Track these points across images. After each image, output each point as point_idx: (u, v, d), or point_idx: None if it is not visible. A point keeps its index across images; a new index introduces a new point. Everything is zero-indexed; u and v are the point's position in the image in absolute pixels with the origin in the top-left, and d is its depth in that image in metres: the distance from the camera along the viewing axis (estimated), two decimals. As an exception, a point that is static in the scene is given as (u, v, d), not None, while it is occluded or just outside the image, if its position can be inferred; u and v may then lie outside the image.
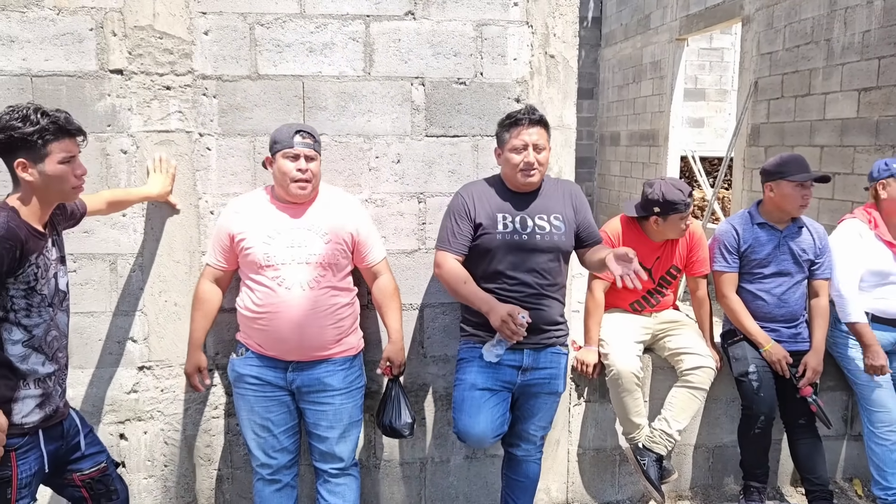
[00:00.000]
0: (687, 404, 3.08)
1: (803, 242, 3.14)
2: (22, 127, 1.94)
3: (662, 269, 3.23)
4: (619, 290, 3.21)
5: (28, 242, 1.99)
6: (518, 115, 2.59)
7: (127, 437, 2.92)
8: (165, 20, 2.71)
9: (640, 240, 3.16)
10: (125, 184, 2.78)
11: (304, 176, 2.49)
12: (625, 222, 3.22)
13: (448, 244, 2.63)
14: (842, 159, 6.14)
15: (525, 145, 2.57)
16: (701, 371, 3.07)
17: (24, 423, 2.04)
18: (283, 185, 2.52)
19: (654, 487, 3.05)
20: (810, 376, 3.08)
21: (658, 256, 3.19)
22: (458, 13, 2.85)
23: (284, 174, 2.49)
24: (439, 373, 3.05)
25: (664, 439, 3.08)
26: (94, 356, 2.86)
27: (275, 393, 2.60)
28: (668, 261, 3.22)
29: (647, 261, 3.17)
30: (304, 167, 2.49)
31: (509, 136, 2.59)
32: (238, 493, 3.03)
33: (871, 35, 5.76)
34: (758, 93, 7.41)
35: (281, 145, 2.49)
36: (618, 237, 3.16)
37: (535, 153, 2.57)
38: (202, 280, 2.69)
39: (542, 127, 2.60)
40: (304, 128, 2.52)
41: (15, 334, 2.02)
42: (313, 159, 2.52)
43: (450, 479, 3.16)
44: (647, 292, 3.24)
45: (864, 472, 3.51)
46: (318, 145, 2.56)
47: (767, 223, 3.14)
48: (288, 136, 2.49)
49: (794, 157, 3.12)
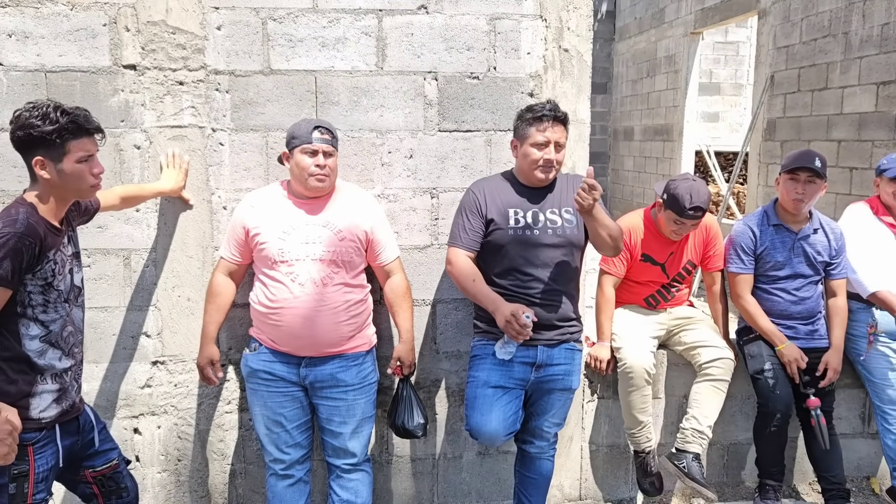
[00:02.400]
0: (712, 398, 3.05)
1: (818, 244, 3.09)
2: (41, 125, 1.95)
3: (677, 265, 3.19)
4: (633, 285, 3.21)
5: (46, 239, 2.00)
6: (542, 111, 2.55)
7: (141, 432, 2.94)
8: (178, 15, 2.71)
9: (654, 234, 3.15)
10: (138, 179, 2.78)
11: (323, 172, 2.50)
12: (646, 216, 3.20)
13: (459, 240, 2.62)
14: (859, 154, 6.06)
15: (547, 142, 2.55)
16: (720, 363, 3.04)
17: (41, 417, 2.06)
18: (301, 179, 2.51)
19: (702, 485, 2.96)
20: (831, 376, 3.05)
21: (672, 252, 3.16)
22: (471, 7, 2.83)
23: (303, 169, 2.49)
24: (452, 369, 3.04)
25: (697, 437, 3.04)
26: (108, 351, 2.87)
27: (288, 388, 2.60)
28: (681, 256, 3.18)
29: (661, 256, 3.14)
30: (322, 163, 2.49)
31: (531, 131, 2.56)
32: (251, 487, 3.04)
33: (890, 28, 5.68)
34: (774, 87, 7.33)
35: (299, 140, 2.49)
36: (635, 228, 3.14)
37: (556, 151, 2.56)
38: (216, 273, 2.69)
39: (563, 125, 2.58)
40: (322, 123, 2.53)
41: (32, 330, 2.03)
42: (331, 155, 2.52)
43: (462, 476, 3.15)
44: (661, 286, 3.21)
45: (881, 471, 3.48)
46: (336, 141, 2.56)
47: (783, 225, 3.10)
48: (307, 131, 2.49)
49: (799, 151, 3.09)
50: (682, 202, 2.93)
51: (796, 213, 3.06)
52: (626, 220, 3.19)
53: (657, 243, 3.14)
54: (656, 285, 3.21)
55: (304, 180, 2.51)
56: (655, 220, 3.16)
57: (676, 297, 3.28)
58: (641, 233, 3.15)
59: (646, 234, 3.15)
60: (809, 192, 3.00)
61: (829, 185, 3.09)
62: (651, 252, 3.15)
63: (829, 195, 6.20)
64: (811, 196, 3.02)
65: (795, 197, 3.01)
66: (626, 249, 3.08)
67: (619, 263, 3.14)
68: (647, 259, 3.16)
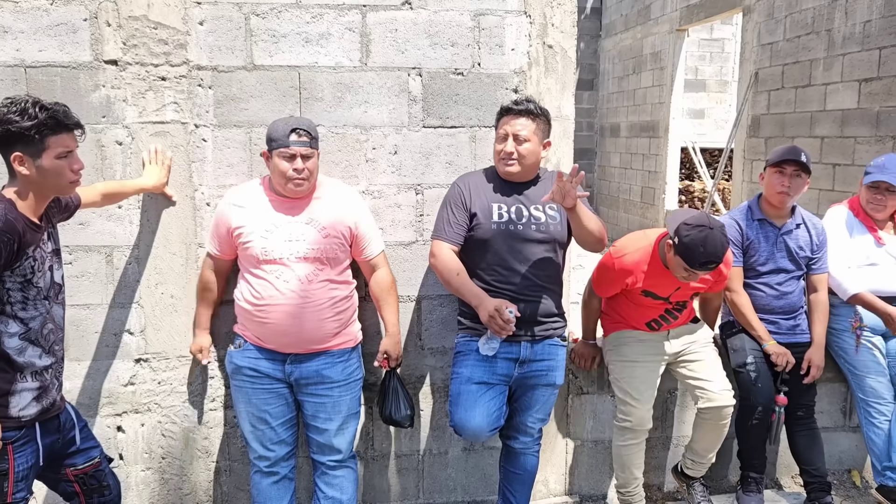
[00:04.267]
0: (714, 435, 3.00)
1: (800, 240, 3.12)
2: (20, 121, 1.93)
3: (683, 295, 2.94)
4: (634, 307, 2.96)
5: (25, 235, 1.98)
6: (510, 104, 2.60)
7: (124, 430, 2.92)
8: (160, 10, 2.69)
9: (660, 271, 2.82)
10: (120, 175, 2.76)
11: (300, 176, 2.48)
12: (654, 254, 2.83)
13: (444, 233, 2.63)
14: (842, 150, 6.11)
15: (506, 135, 2.58)
16: (723, 411, 2.93)
17: (21, 415, 2.04)
18: (280, 183, 2.51)
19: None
20: (814, 373, 3.07)
21: (678, 287, 2.86)
22: (455, 3, 2.83)
23: (281, 174, 2.48)
24: (437, 365, 3.04)
25: (700, 467, 3.11)
26: (91, 348, 2.85)
27: (273, 385, 2.59)
28: (688, 289, 2.91)
29: (664, 291, 2.87)
30: (300, 167, 2.46)
31: (498, 125, 2.62)
32: (236, 485, 3.03)
33: (873, 25, 5.73)
34: (758, 84, 7.38)
35: (277, 144, 2.46)
36: (637, 266, 2.82)
37: (516, 143, 2.56)
38: (204, 268, 2.72)
39: (530, 118, 2.58)
40: (300, 125, 2.48)
41: (11, 327, 2.01)
42: (310, 157, 2.49)
43: (448, 471, 3.16)
44: (664, 311, 2.96)
45: (862, 463, 3.52)
46: (316, 141, 2.52)
47: (766, 219, 3.11)
48: (284, 133, 2.45)
49: (785, 147, 3.11)
50: (694, 254, 2.59)
51: (781, 206, 3.08)
52: (631, 256, 2.83)
53: (662, 280, 2.83)
54: (660, 310, 2.96)
55: (283, 184, 2.50)
56: (663, 256, 2.79)
57: (680, 318, 3.02)
58: (644, 269, 2.82)
59: (650, 270, 2.81)
60: (795, 185, 3.02)
61: (813, 182, 3.11)
62: (654, 288, 2.86)
63: (812, 191, 6.25)
64: (797, 190, 3.04)
65: (781, 190, 3.02)
66: (623, 285, 2.86)
67: (608, 290, 2.96)
68: (648, 294, 2.88)
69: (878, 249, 3.20)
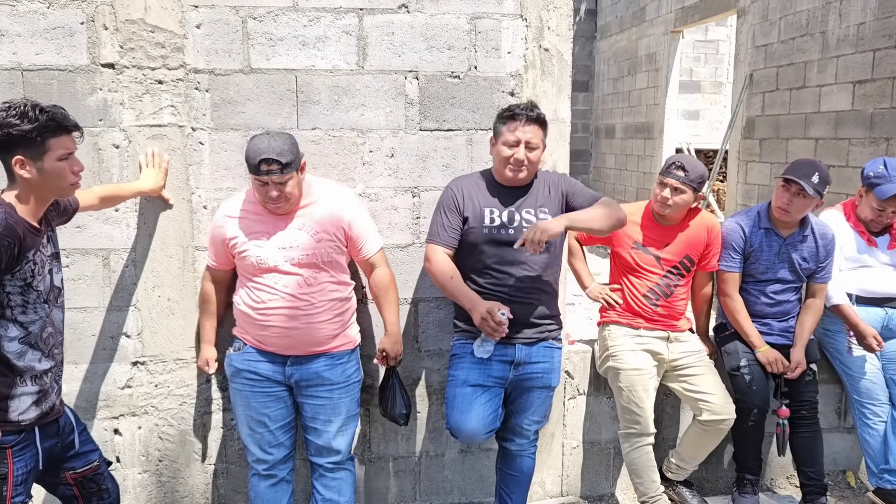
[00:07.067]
0: (709, 444, 3.06)
1: (805, 251, 3.08)
2: (20, 124, 1.93)
3: (676, 257, 3.03)
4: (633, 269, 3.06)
5: (26, 239, 1.98)
6: (517, 109, 2.57)
7: (121, 433, 2.92)
8: (157, 14, 2.70)
9: (652, 222, 3.06)
10: (117, 179, 2.76)
11: (276, 202, 2.46)
12: (647, 205, 3.11)
13: (438, 237, 2.63)
14: (836, 152, 6.14)
15: (517, 141, 2.56)
16: (725, 423, 2.98)
17: (20, 420, 2.04)
18: (260, 203, 2.53)
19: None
20: (793, 367, 3.05)
21: (667, 243, 3.02)
22: (451, 6, 2.84)
23: (259, 196, 2.49)
24: (434, 367, 3.05)
25: (683, 472, 3.16)
26: (88, 351, 2.85)
27: (272, 388, 2.60)
28: (678, 247, 3.03)
29: (658, 244, 3.02)
30: (274, 195, 2.43)
31: (504, 129, 2.58)
32: (233, 487, 3.03)
33: (866, 27, 5.76)
34: (753, 85, 7.41)
35: (250, 169, 2.43)
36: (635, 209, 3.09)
37: (527, 151, 2.57)
38: (204, 281, 2.74)
39: (539, 125, 2.59)
40: (270, 153, 2.37)
41: (11, 331, 2.01)
42: (284, 183, 2.43)
43: (444, 473, 3.17)
44: (662, 278, 3.04)
45: (857, 464, 3.54)
46: (290, 166, 2.41)
47: (773, 229, 3.08)
48: (254, 162, 2.40)
49: (803, 161, 3.05)
50: (669, 161, 3.00)
51: (782, 219, 3.06)
52: (625, 206, 2.97)
53: (653, 232, 3.04)
54: (658, 276, 3.03)
55: (263, 205, 2.52)
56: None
57: (674, 308, 3.07)
58: (637, 220, 3.05)
59: (643, 223, 3.05)
60: (797, 205, 2.97)
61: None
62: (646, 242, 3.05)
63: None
64: (798, 209, 2.99)
65: (780, 205, 3.01)
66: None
67: None
68: (640, 248, 3.04)
69: (870, 251, 3.21)
